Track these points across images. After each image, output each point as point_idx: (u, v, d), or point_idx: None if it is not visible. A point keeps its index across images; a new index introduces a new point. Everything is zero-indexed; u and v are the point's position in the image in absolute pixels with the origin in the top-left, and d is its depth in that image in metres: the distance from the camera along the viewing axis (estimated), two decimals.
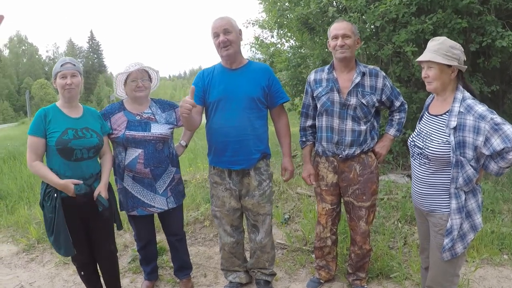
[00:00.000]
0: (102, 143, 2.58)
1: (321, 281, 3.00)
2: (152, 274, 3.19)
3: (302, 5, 5.54)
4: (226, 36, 2.54)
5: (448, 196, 2.03)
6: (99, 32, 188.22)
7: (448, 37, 4.38)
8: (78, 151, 2.44)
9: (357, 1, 4.36)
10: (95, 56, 78.70)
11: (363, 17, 4.55)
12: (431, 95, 2.24)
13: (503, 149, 1.84)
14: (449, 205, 2.03)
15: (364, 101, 2.54)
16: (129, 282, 3.30)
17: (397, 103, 2.67)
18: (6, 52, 63.96)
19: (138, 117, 2.79)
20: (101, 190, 2.53)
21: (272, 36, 7.82)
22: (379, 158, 2.73)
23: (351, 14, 4.48)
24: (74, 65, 2.51)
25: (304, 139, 2.82)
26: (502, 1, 4.49)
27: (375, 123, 2.68)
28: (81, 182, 2.44)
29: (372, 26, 4.65)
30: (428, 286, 2.22)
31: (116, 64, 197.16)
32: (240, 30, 2.66)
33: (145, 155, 2.72)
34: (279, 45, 7.80)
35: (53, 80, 2.51)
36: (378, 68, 2.64)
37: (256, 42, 7.89)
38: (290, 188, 4.98)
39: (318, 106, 2.66)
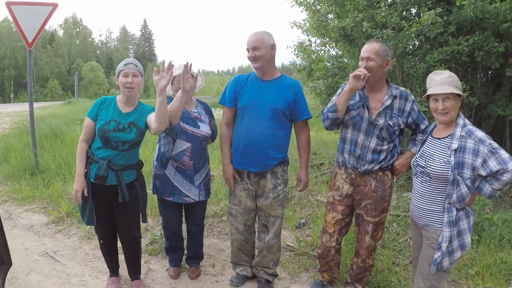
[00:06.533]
0: (138, 139, 2.76)
1: (324, 283, 3.11)
2: (179, 261, 3.39)
3: (340, 17, 5.58)
4: (254, 52, 2.79)
5: (443, 213, 2.22)
6: (152, 21, 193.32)
7: (486, 60, 4.37)
8: (113, 142, 2.68)
9: (391, 18, 4.37)
10: (147, 44, 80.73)
11: (399, 35, 4.54)
12: (433, 122, 2.41)
13: (498, 170, 2.06)
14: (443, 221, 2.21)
15: (391, 123, 2.62)
16: (143, 263, 3.53)
17: (422, 126, 2.73)
18: (60, 33, 66.45)
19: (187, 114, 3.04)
20: None
21: (313, 43, 7.75)
22: (398, 175, 2.80)
23: (384, 31, 4.49)
24: (136, 66, 2.74)
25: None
26: None
27: (397, 142, 2.75)
28: (81, 201, 2.73)
29: (405, 44, 4.64)
30: None
31: (166, 53, 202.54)
32: (272, 45, 2.83)
33: (192, 149, 2.98)
34: (322, 52, 7.72)
35: (116, 78, 2.75)
36: (408, 91, 2.71)
37: (300, 47, 7.90)
38: (311, 194, 5.11)
39: (346, 117, 2.70)
